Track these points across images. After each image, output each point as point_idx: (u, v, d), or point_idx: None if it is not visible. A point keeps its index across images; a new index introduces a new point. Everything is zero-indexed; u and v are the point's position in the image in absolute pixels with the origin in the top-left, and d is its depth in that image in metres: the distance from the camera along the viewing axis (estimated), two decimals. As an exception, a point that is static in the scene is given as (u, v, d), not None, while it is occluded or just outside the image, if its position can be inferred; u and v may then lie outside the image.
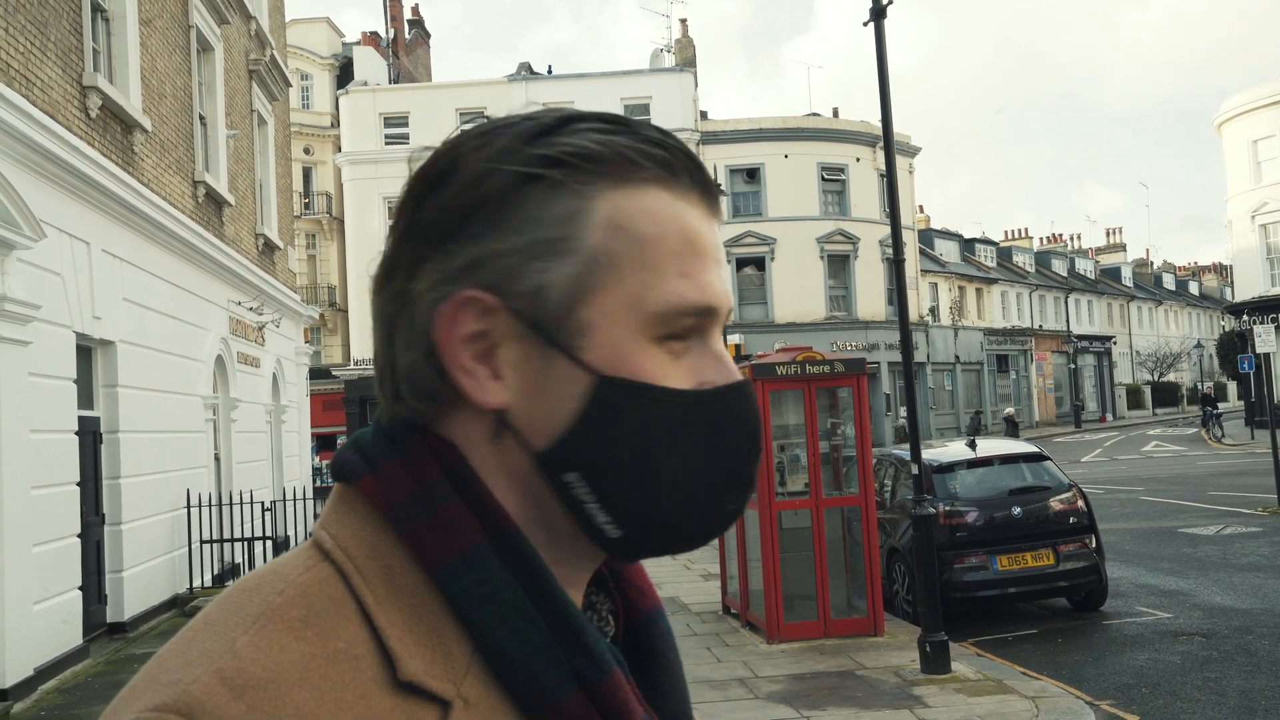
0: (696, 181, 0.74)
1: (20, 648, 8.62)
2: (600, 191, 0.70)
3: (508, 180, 0.70)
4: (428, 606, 0.67)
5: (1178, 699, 7.48)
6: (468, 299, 0.70)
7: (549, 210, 0.70)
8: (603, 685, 0.68)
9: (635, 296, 0.70)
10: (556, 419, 0.70)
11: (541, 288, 0.69)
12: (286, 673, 0.62)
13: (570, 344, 0.69)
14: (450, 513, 0.69)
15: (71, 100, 10.30)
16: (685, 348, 0.72)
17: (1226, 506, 17.78)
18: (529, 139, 0.71)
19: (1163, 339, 69.84)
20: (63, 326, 9.81)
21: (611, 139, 0.71)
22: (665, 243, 0.71)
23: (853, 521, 9.71)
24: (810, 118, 41.12)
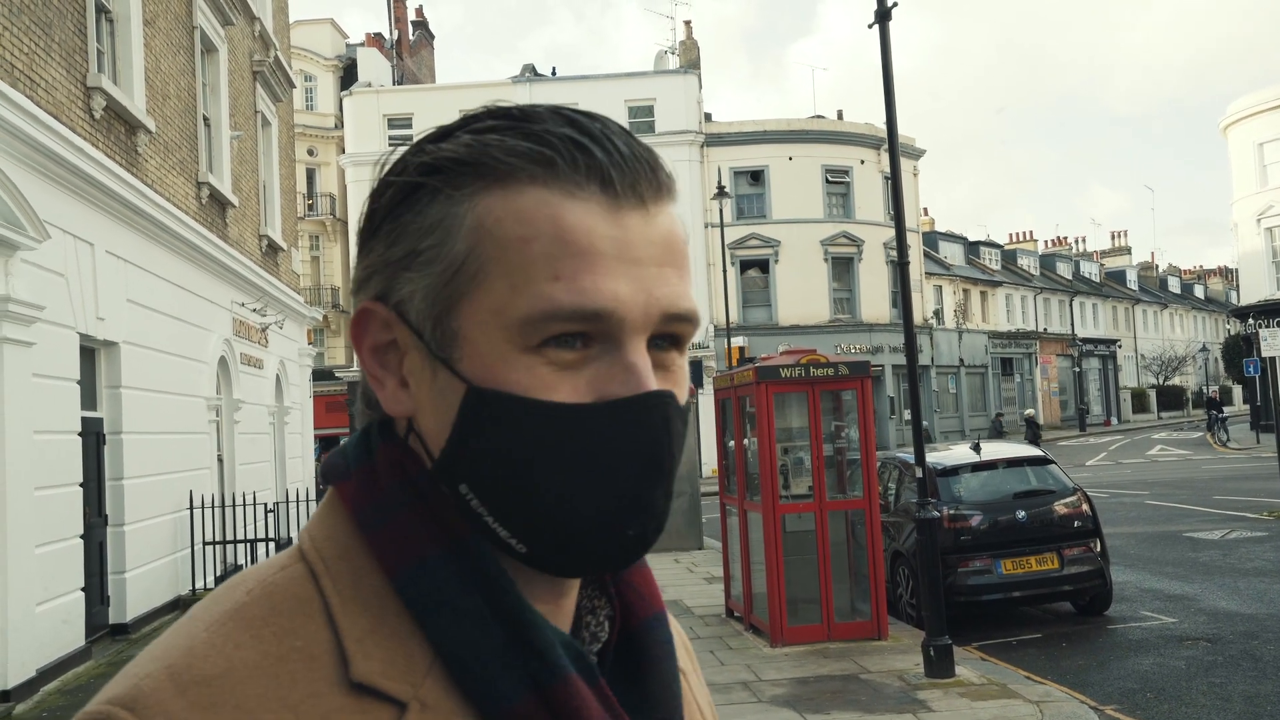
0: (592, 173, 0.68)
1: (23, 649, 8.61)
2: (472, 195, 0.68)
3: (395, 192, 0.71)
4: (392, 610, 0.68)
5: (1183, 704, 7.44)
6: (365, 310, 0.73)
7: (422, 219, 0.70)
8: (555, 689, 0.67)
9: (501, 303, 0.67)
10: (445, 428, 0.69)
11: (413, 296, 0.70)
12: (236, 670, 0.63)
13: (445, 353, 0.69)
14: (408, 519, 0.70)
15: (75, 101, 10.31)
16: (582, 359, 0.67)
17: (1232, 511, 17.72)
18: (421, 146, 0.72)
19: (1168, 342, 69.73)
20: (66, 327, 9.81)
21: (485, 138, 0.69)
22: (534, 245, 0.66)
23: (856, 525, 9.68)
24: (814, 120, 41.09)
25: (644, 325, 0.68)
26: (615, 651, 0.78)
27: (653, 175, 0.70)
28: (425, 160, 0.70)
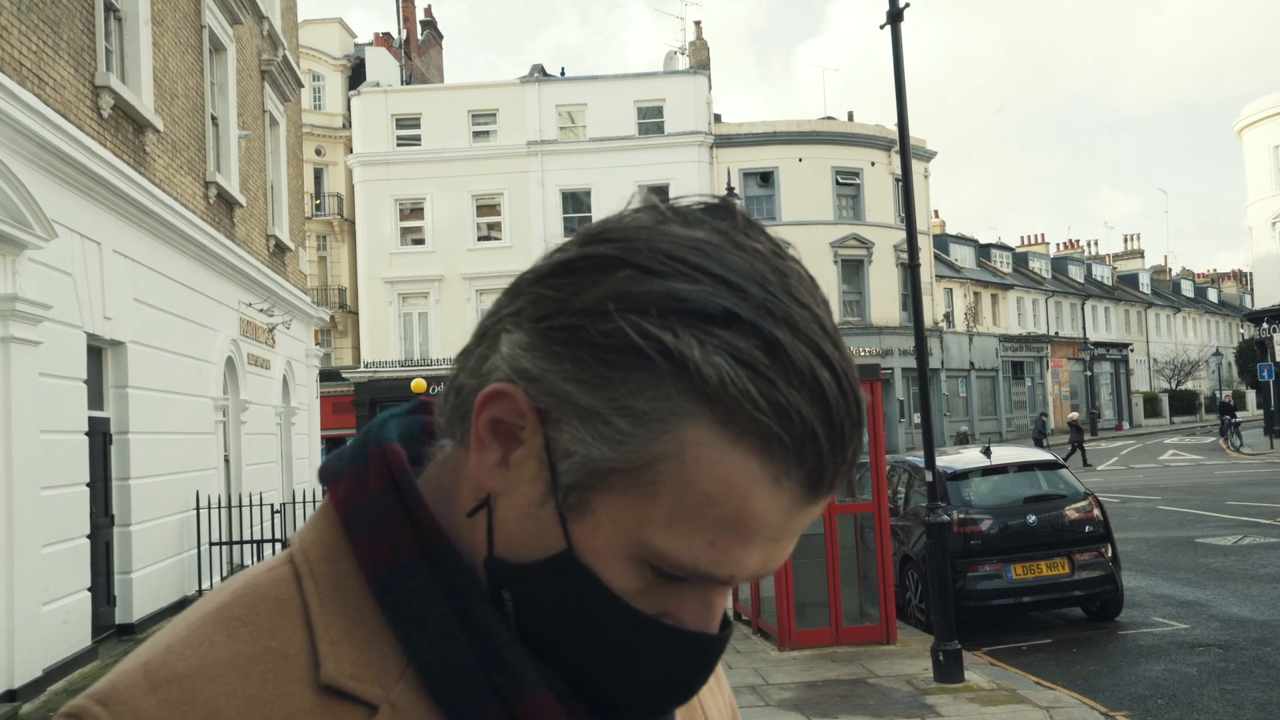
0: (808, 470, 0.64)
1: (29, 648, 8.60)
2: (693, 416, 0.63)
3: (619, 337, 0.63)
4: (370, 614, 0.69)
5: (1194, 711, 7.37)
6: (515, 399, 0.67)
7: (633, 397, 0.63)
8: (523, 704, 0.67)
9: (648, 522, 0.65)
10: (521, 548, 0.69)
11: (572, 453, 0.65)
12: (207, 668, 0.65)
13: (568, 512, 0.67)
14: (388, 525, 0.71)
15: (84, 100, 10.30)
16: (671, 581, 0.68)
17: (1245, 516, 17.59)
18: (675, 313, 0.63)
19: (1181, 346, 69.44)
20: (73, 327, 9.80)
21: (739, 376, 0.62)
22: (715, 510, 0.64)
23: (865, 528, 9.62)
24: (825, 121, 41.01)
25: (748, 581, 0.70)
26: None
27: (851, 468, 0.67)
28: (667, 342, 0.62)
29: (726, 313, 0.63)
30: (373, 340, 35.19)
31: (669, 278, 0.64)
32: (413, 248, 35.66)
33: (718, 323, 0.63)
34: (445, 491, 0.74)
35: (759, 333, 0.63)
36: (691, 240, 0.66)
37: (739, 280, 0.64)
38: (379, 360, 34.87)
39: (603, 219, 0.71)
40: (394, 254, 35.41)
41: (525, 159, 35.51)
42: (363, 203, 35.90)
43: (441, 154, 35.46)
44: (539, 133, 35.76)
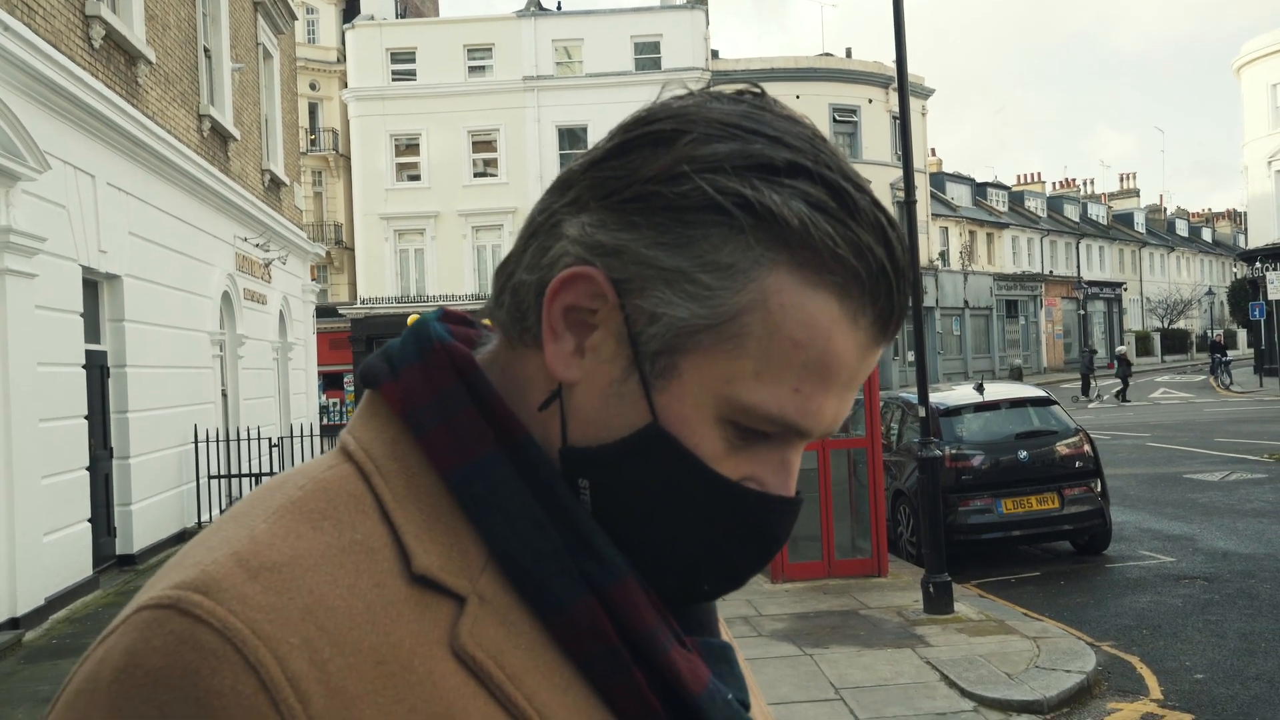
0: (880, 308, 0.67)
1: (31, 577, 8.72)
2: (774, 263, 0.65)
3: (696, 196, 0.66)
4: (445, 508, 0.69)
5: (1178, 640, 7.52)
6: (591, 277, 0.68)
7: (715, 251, 0.66)
8: (613, 590, 0.68)
9: (737, 377, 0.66)
10: (602, 429, 0.69)
11: (658, 316, 0.67)
12: (302, 559, 0.64)
13: (652, 378, 0.68)
14: (464, 420, 0.70)
15: (74, 29, 10.17)
16: (752, 441, 0.69)
17: (1233, 453, 17.77)
18: (746, 168, 0.66)
19: (1174, 286, 69.49)
20: (69, 260, 9.79)
21: (817, 219, 0.65)
22: (802, 353, 0.66)
23: (858, 464, 9.73)
24: (823, 58, 40.58)
25: (817, 438, 0.71)
26: None
27: (905, 314, 0.70)
28: (746, 194, 0.65)
29: (791, 164, 0.66)
30: (369, 276, 35.07)
31: (731, 140, 0.67)
32: (408, 184, 35.38)
33: (784, 173, 0.66)
34: (505, 390, 0.73)
35: (824, 180, 0.66)
36: (738, 111, 0.70)
37: (791, 140, 0.68)
38: (375, 296, 34.79)
39: (643, 106, 0.73)
40: (389, 190, 35.14)
41: (521, 94, 35.12)
42: (358, 138, 35.52)
43: (437, 89, 35.04)
44: (535, 68, 35.33)
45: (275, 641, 0.60)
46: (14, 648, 8.23)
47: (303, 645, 0.61)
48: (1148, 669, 6.97)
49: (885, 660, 7.08)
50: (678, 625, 0.73)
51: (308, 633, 0.61)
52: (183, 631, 0.60)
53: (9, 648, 8.17)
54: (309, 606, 0.62)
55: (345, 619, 0.62)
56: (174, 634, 0.60)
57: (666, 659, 0.69)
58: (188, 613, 0.60)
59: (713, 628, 0.79)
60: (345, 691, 0.61)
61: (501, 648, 0.66)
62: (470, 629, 0.65)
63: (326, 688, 0.60)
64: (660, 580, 0.71)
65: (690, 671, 0.70)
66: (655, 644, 0.69)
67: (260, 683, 0.59)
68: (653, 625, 0.69)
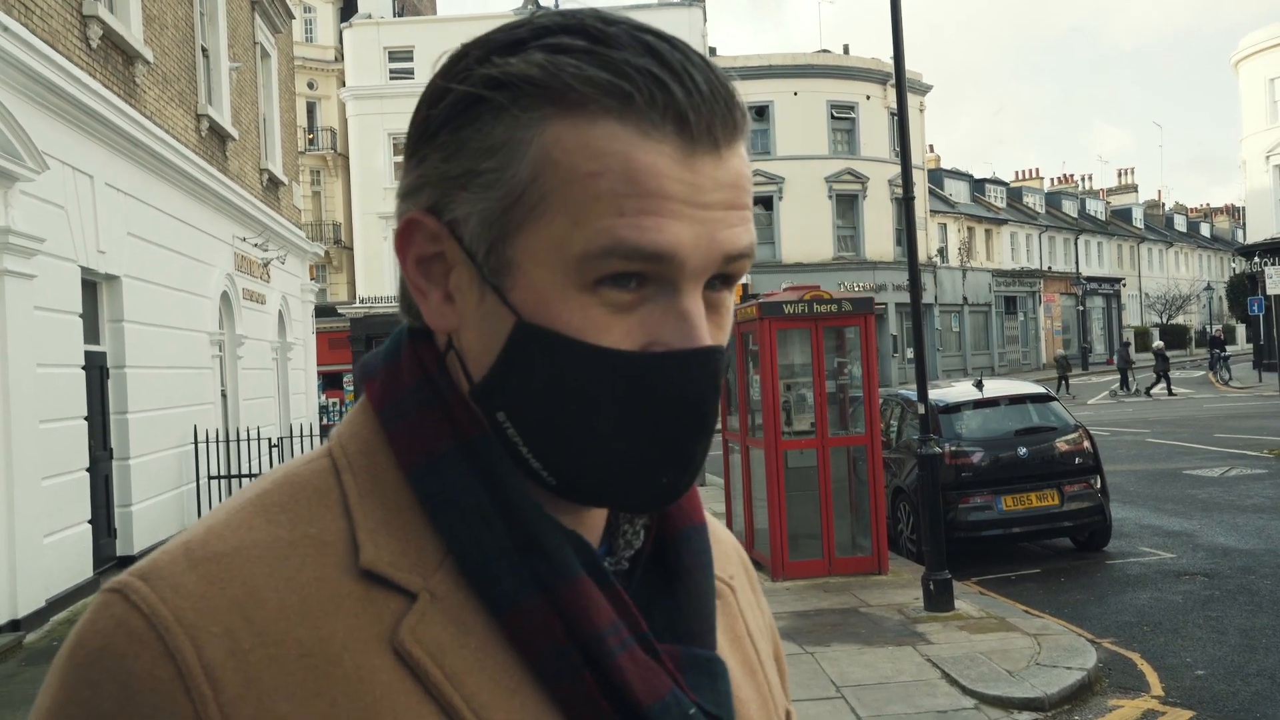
0: (670, 113, 0.65)
1: (31, 579, 8.71)
2: (541, 121, 0.65)
3: (455, 101, 0.68)
4: (406, 505, 0.70)
5: (1179, 637, 7.53)
6: (413, 220, 0.71)
7: (487, 137, 0.67)
8: (563, 590, 0.68)
9: (560, 237, 0.65)
10: (488, 354, 0.69)
11: (468, 218, 0.68)
12: (246, 549, 0.66)
13: (497, 280, 0.68)
14: (423, 418, 0.71)
15: (72, 29, 10.16)
16: (636, 300, 0.66)
17: (1232, 449, 17.79)
18: (489, 55, 0.67)
19: (1172, 281, 69.48)
20: (67, 260, 9.78)
21: (560, 60, 0.65)
22: (602, 180, 0.64)
23: (858, 461, 9.73)
24: (820, 54, 40.57)
25: (703, 270, 0.67)
26: (650, 561, 0.78)
27: (729, 114, 0.67)
28: (492, 74, 0.66)
29: (535, 30, 0.68)
30: (368, 275, 35.06)
31: (475, 50, 0.69)
32: (406, 183, 35.37)
33: (530, 40, 0.67)
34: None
35: (569, 30, 0.67)
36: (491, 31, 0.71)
37: (541, 19, 0.69)
38: (374, 295, 34.76)
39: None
40: (388, 189, 35.06)
41: (518, 92, 35.14)
42: (356, 137, 35.49)
43: (433, 87, 35.03)
44: (532, 65, 35.33)
45: (196, 630, 0.63)
46: (15, 649, 8.22)
47: (224, 635, 0.63)
48: (1148, 666, 6.97)
49: (886, 658, 7.08)
50: (646, 630, 0.71)
51: (231, 623, 0.63)
52: (120, 615, 0.64)
53: (10, 649, 8.16)
54: (238, 597, 0.64)
55: (275, 611, 0.64)
56: (113, 617, 0.64)
57: (614, 664, 0.67)
58: (127, 598, 0.64)
59: (707, 638, 0.77)
60: (261, 682, 0.62)
61: (445, 646, 0.66)
62: (414, 626, 0.66)
63: (243, 677, 0.62)
64: (624, 487, 0.69)
65: (641, 679, 0.68)
66: (603, 647, 0.67)
67: (176, 669, 0.62)
68: (603, 628, 0.68)
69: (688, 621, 0.76)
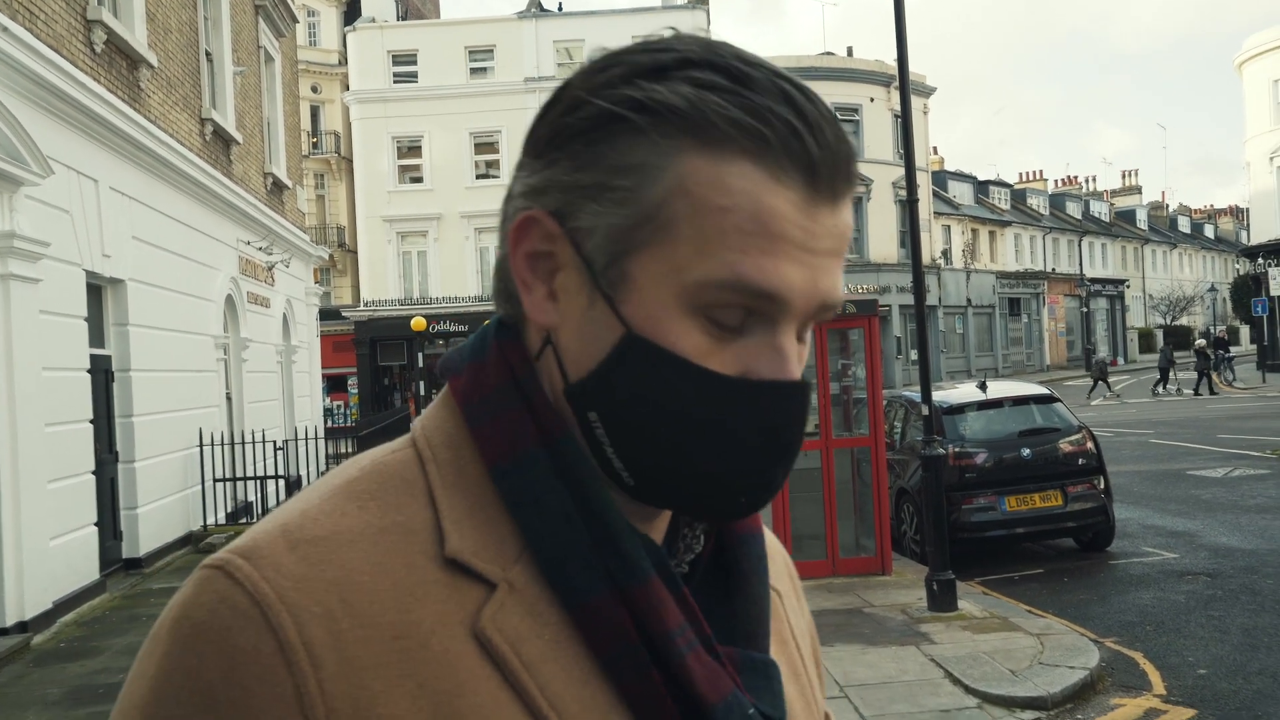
0: (801, 162, 0.68)
1: (39, 581, 8.75)
2: (680, 150, 0.68)
3: (594, 114, 0.70)
4: (488, 498, 0.73)
5: (1181, 636, 7.54)
6: (532, 218, 0.73)
7: (623, 156, 0.69)
8: (635, 590, 0.71)
9: (682, 262, 0.68)
10: (588, 358, 0.72)
11: (594, 230, 0.70)
12: (341, 534, 0.69)
13: (612, 292, 0.70)
14: (510, 417, 0.74)
15: (76, 34, 10.21)
16: (737, 331, 0.70)
17: (1236, 449, 17.78)
18: (633, 76, 0.70)
19: (1176, 282, 69.40)
20: (72, 264, 9.82)
21: (706, 97, 0.68)
22: (730, 217, 0.68)
23: (862, 462, 9.74)
24: (824, 56, 40.62)
25: (802, 313, 0.71)
26: (709, 565, 0.81)
27: (848, 170, 0.71)
28: (636, 96, 0.69)
29: (679, 60, 0.70)
30: (372, 279, 35.12)
31: (620, 64, 0.71)
32: (411, 186, 35.43)
33: (673, 69, 0.69)
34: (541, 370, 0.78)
35: (712, 65, 0.69)
36: (632, 46, 0.73)
37: (679, 45, 0.71)
38: (378, 299, 34.83)
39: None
40: (392, 192, 35.19)
41: (523, 96, 35.14)
42: (360, 141, 35.57)
43: (439, 91, 35.08)
44: (536, 69, 35.37)
45: (298, 609, 0.66)
46: (23, 651, 8.26)
47: (324, 615, 0.66)
48: (1151, 665, 6.99)
49: (890, 658, 7.10)
50: (710, 633, 0.74)
51: (330, 603, 0.66)
52: (224, 591, 0.67)
53: (18, 651, 8.20)
54: (336, 580, 0.67)
55: (369, 594, 0.67)
56: (216, 593, 0.67)
57: (681, 663, 0.71)
58: (230, 575, 0.67)
59: (760, 641, 0.80)
60: (357, 661, 0.65)
61: (523, 635, 0.69)
62: (493, 614, 0.69)
63: (340, 655, 0.65)
64: (701, 499, 0.73)
65: (707, 679, 0.72)
66: (672, 647, 0.71)
67: (278, 644, 0.65)
68: (672, 629, 0.71)
69: (744, 625, 0.79)
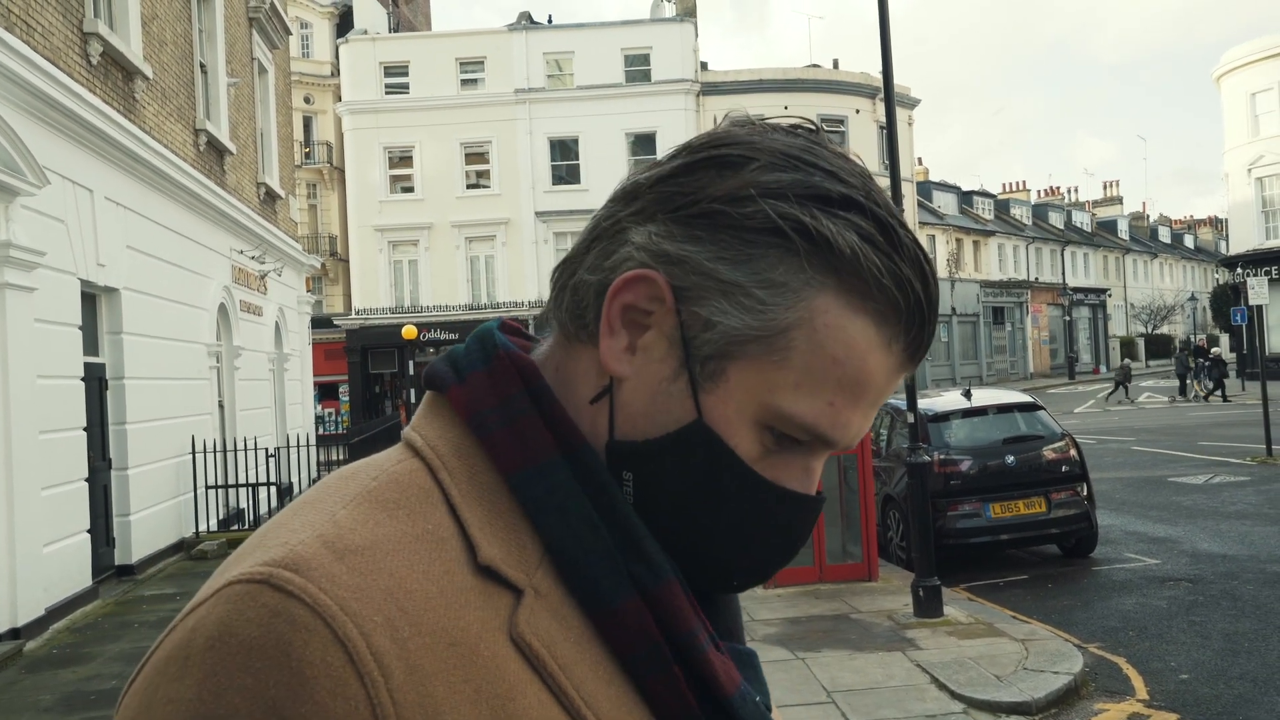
0: (911, 337, 0.74)
1: (31, 588, 8.79)
2: (822, 288, 0.71)
3: (759, 220, 0.72)
4: (505, 505, 0.73)
5: (1163, 641, 7.67)
6: (649, 278, 0.74)
7: (771, 270, 0.72)
8: (658, 591, 0.73)
9: (776, 387, 0.72)
10: (649, 423, 0.74)
11: (712, 324, 0.72)
12: (382, 543, 0.68)
13: (700, 380, 0.73)
14: (527, 425, 0.75)
15: (72, 46, 10.28)
16: (784, 448, 0.76)
17: (1216, 456, 17.98)
18: (806, 198, 0.72)
19: (1157, 291, 69.89)
20: (67, 273, 9.88)
21: (867, 250, 0.71)
22: (839, 370, 0.72)
23: (849, 469, 9.84)
24: (810, 69, 40.80)
25: (840, 450, 0.78)
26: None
27: (931, 343, 0.77)
28: (805, 221, 0.71)
29: (845, 198, 0.73)
30: (364, 287, 35.12)
31: (792, 170, 0.73)
32: (402, 195, 35.48)
33: (839, 205, 0.73)
34: (556, 385, 0.79)
35: (874, 216, 0.73)
36: (798, 144, 0.76)
37: (845, 175, 0.75)
38: (370, 307, 34.83)
39: (704, 133, 0.79)
40: (383, 202, 35.23)
41: (513, 107, 35.27)
42: (352, 151, 35.61)
43: (430, 102, 35.16)
44: (526, 80, 35.48)
45: (361, 618, 0.64)
46: (15, 657, 8.30)
47: (385, 624, 0.64)
48: (1134, 670, 7.10)
49: (876, 663, 7.19)
50: (712, 628, 0.78)
51: (389, 612, 0.65)
52: (276, 605, 0.63)
53: (10, 658, 8.24)
54: (390, 588, 0.66)
55: (422, 601, 0.66)
56: (267, 607, 0.63)
57: (704, 658, 0.74)
58: (280, 588, 0.63)
59: (739, 635, 0.85)
60: (422, 669, 0.64)
61: (554, 638, 0.70)
62: (527, 618, 0.70)
63: (406, 664, 0.64)
64: (694, 571, 0.76)
65: (725, 673, 0.75)
66: (695, 644, 0.74)
67: (348, 656, 0.62)
68: (694, 626, 0.74)
69: (725, 619, 0.83)
